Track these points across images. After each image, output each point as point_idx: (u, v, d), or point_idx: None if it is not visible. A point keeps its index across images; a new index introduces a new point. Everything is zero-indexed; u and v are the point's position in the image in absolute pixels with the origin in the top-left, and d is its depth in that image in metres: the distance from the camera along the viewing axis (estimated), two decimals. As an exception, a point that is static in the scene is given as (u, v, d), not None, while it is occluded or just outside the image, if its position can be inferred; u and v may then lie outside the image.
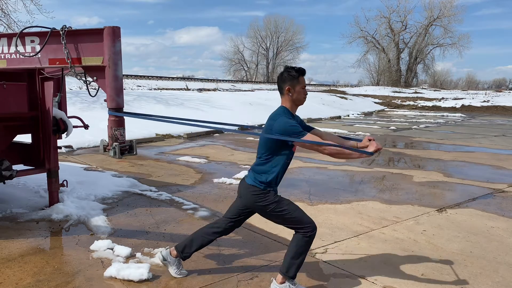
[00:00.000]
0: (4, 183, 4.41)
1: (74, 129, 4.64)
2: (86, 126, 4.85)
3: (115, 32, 3.21)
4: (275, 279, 2.88)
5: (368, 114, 22.78)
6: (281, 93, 2.83)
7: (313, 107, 20.34)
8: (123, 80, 3.59)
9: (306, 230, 2.76)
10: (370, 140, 2.76)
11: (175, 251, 3.07)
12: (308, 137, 2.65)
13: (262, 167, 2.80)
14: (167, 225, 4.25)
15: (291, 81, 2.76)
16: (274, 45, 64.02)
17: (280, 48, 63.95)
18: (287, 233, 4.05)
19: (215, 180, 6.26)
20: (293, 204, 2.86)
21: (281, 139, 2.67)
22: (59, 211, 4.45)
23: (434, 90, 44.33)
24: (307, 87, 2.92)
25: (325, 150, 2.62)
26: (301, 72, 2.79)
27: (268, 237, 3.97)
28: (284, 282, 2.83)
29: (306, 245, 2.78)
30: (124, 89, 4.23)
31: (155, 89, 22.37)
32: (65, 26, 3.28)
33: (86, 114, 7.61)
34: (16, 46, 3.44)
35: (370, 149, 2.63)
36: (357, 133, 12.90)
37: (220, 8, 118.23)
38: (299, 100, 2.82)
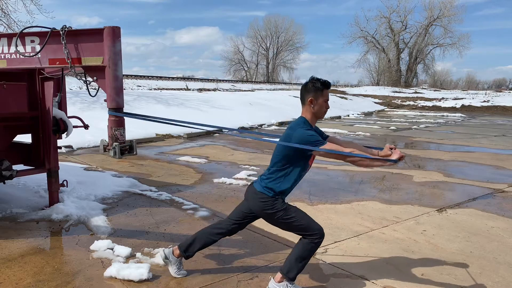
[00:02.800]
0: (4, 183, 4.41)
1: (74, 129, 4.64)
2: (86, 126, 4.85)
3: (115, 32, 3.21)
4: (273, 278, 2.88)
5: (368, 114, 22.78)
6: (303, 103, 2.80)
7: (313, 107, 20.32)
8: (123, 80, 3.59)
9: (314, 237, 2.76)
10: (391, 148, 2.71)
11: (177, 251, 3.07)
12: (328, 146, 2.63)
13: (276, 175, 2.77)
14: (167, 225, 4.25)
15: (315, 92, 2.74)
16: (274, 45, 64.08)
17: (280, 48, 64.00)
18: (288, 234, 4.05)
19: (215, 180, 6.26)
20: (300, 211, 2.85)
21: (300, 149, 2.64)
22: (59, 211, 4.45)
23: (434, 90, 44.35)
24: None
25: (347, 158, 2.63)
26: (326, 85, 2.77)
27: (268, 237, 3.97)
28: (282, 281, 2.83)
29: (311, 251, 2.78)
30: (124, 89, 4.23)
31: (155, 89, 22.37)
32: (65, 26, 3.28)
33: (86, 114, 7.61)
34: (16, 46, 3.44)
35: (394, 156, 2.59)
36: (357, 133, 12.91)
37: (220, 8, 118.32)
38: (320, 113, 2.79)
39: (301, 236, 2.83)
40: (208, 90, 24.24)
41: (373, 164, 2.64)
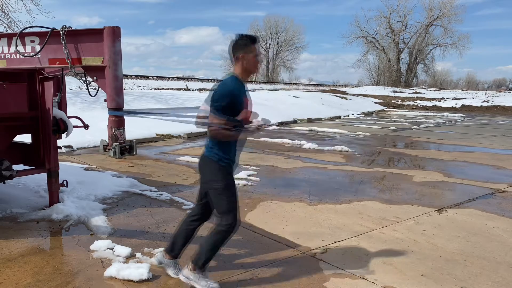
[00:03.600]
0: (4, 183, 4.41)
1: (74, 129, 4.64)
2: (86, 126, 4.84)
3: (115, 32, 3.22)
4: (187, 266, 2.90)
5: (368, 114, 22.78)
6: (232, 60, 2.80)
7: (313, 107, 20.35)
8: (123, 80, 3.59)
9: (227, 224, 2.76)
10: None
11: (167, 254, 3.09)
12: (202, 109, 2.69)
13: (213, 141, 2.79)
14: (167, 225, 4.25)
15: (243, 48, 2.73)
16: (274, 45, 64.08)
17: (280, 48, 64.01)
18: (288, 233, 4.06)
19: (215, 180, 6.24)
20: (234, 193, 2.83)
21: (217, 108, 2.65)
22: (59, 211, 4.44)
23: (434, 90, 44.35)
24: (307, 87, 2.91)
25: (211, 131, 2.66)
26: (253, 39, 2.77)
27: (268, 237, 3.97)
28: (194, 270, 2.86)
29: (222, 240, 2.81)
30: (124, 89, 4.23)
31: (155, 89, 22.37)
32: (65, 26, 3.29)
33: (86, 114, 7.60)
34: (16, 46, 3.44)
35: (238, 117, 2.66)
36: (357, 133, 12.90)
37: (220, 8, 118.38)
38: (251, 68, 2.79)
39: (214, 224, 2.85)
40: (208, 90, 24.17)
41: (229, 135, 2.65)
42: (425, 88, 48.71)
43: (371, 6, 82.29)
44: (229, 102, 2.66)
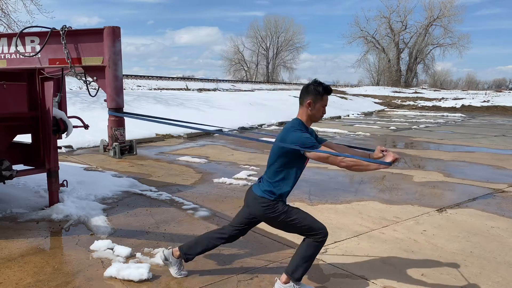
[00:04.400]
0: (4, 183, 4.41)
1: (74, 129, 4.64)
2: (86, 126, 4.85)
3: (115, 32, 3.21)
4: (279, 279, 2.88)
5: (368, 114, 22.78)
6: (301, 104, 2.79)
7: (313, 107, 20.30)
8: (123, 80, 3.59)
9: (317, 236, 2.78)
10: (383, 151, 2.70)
11: (178, 252, 3.07)
12: (324, 149, 2.64)
13: (274, 178, 2.76)
14: (167, 225, 4.25)
15: (315, 96, 2.73)
16: (274, 45, 64.05)
17: (280, 48, 63.96)
18: (288, 234, 4.04)
19: (215, 180, 6.26)
20: (302, 212, 2.85)
21: (296, 151, 2.63)
22: (59, 211, 4.45)
23: (434, 90, 44.33)
24: None
25: (342, 163, 2.59)
26: (328, 91, 2.77)
27: (268, 237, 3.97)
28: (288, 282, 2.83)
29: (316, 250, 2.80)
30: (124, 89, 4.23)
31: (155, 89, 22.36)
32: (65, 26, 3.28)
33: (86, 114, 7.60)
34: (16, 46, 3.44)
35: (388, 159, 2.57)
36: (357, 133, 12.90)
37: (220, 8, 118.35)
38: (316, 117, 2.79)
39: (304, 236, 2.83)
40: (208, 90, 24.23)
41: (368, 167, 2.58)
42: (425, 88, 48.70)
43: (371, 6, 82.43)
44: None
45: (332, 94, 2.93)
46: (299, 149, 2.60)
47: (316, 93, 2.73)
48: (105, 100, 3.26)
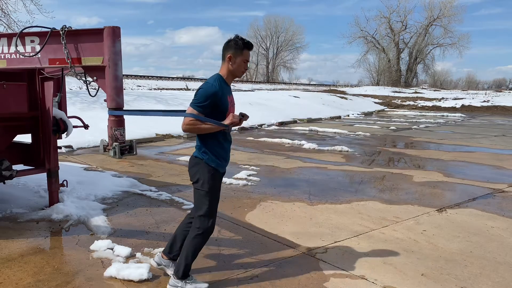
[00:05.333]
0: (4, 183, 4.41)
1: (74, 129, 4.64)
2: (86, 126, 4.85)
3: (115, 32, 3.21)
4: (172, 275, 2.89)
5: (368, 114, 22.78)
6: (223, 59, 2.79)
7: (313, 107, 20.35)
8: (123, 80, 3.59)
9: (202, 220, 2.78)
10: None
11: (165, 255, 3.09)
12: (188, 110, 2.66)
13: (202, 139, 2.79)
14: (167, 225, 4.25)
15: (235, 50, 2.73)
16: (274, 45, 64.15)
17: (280, 48, 64.06)
18: (288, 233, 4.06)
19: (215, 180, 6.24)
20: (216, 191, 2.85)
21: (209, 106, 2.64)
22: (59, 211, 4.44)
23: (434, 90, 44.32)
24: (307, 87, 2.91)
25: (184, 124, 2.63)
26: (248, 45, 2.76)
27: (268, 237, 3.97)
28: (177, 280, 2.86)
29: (201, 245, 2.83)
30: (124, 89, 4.23)
31: (155, 89, 22.37)
32: (65, 26, 3.28)
33: (86, 114, 7.60)
34: (16, 46, 3.44)
35: (226, 121, 2.66)
36: (357, 133, 12.90)
37: (220, 8, 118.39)
38: (237, 72, 2.79)
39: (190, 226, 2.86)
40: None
41: (201, 126, 2.64)
42: (425, 88, 48.69)
43: (371, 6, 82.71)
44: (212, 102, 2.65)
45: (332, 94, 2.94)
46: (171, 115, 2.66)
47: (236, 47, 2.73)
48: (105, 100, 3.26)
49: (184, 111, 2.76)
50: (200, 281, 2.92)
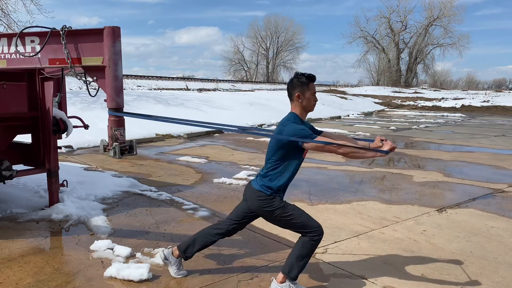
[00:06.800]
0: (4, 183, 4.41)
1: (74, 129, 4.64)
2: (86, 126, 4.85)
3: (115, 32, 3.21)
4: (275, 278, 2.89)
5: (368, 114, 22.78)
6: (291, 99, 2.81)
7: (313, 107, 20.30)
8: (123, 80, 3.59)
9: (313, 234, 2.78)
10: (382, 140, 2.75)
11: (177, 251, 3.07)
12: (321, 138, 2.68)
13: (271, 172, 2.78)
14: (167, 225, 4.25)
15: (301, 87, 2.75)
16: (274, 45, 64.07)
17: (280, 48, 64.00)
18: (288, 233, 4.05)
19: (215, 180, 6.26)
20: (298, 208, 2.86)
21: (292, 143, 2.66)
22: (59, 211, 4.45)
23: (434, 90, 44.33)
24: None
25: (339, 150, 2.64)
26: (311, 78, 2.78)
27: (268, 237, 3.97)
28: (284, 282, 2.83)
29: (311, 248, 2.80)
30: (124, 89, 4.23)
31: (155, 89, 22.37)
32: (65, 26, 3.28)
33: (86, 114, 7.61)
34: (16, 46, 3.44)
35: (385, 147, 2.64)
36: (357, 133, 12.90)
37: (220, 8, 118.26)
38: (309, 107, 2.80)
39: (300, 235, 2.84)
40: (208, 90, 24.23)
41: (364, 155, 2.65)
42: (425, 88, 48.69)
43: (371, 6, 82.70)
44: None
45: (332, 94, 2.96)
46: (297, 140, 2.63)
47: (301, 84, 2.76)
48: (105, 100, 3.26)
49: (185, 119, 2.77)
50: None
